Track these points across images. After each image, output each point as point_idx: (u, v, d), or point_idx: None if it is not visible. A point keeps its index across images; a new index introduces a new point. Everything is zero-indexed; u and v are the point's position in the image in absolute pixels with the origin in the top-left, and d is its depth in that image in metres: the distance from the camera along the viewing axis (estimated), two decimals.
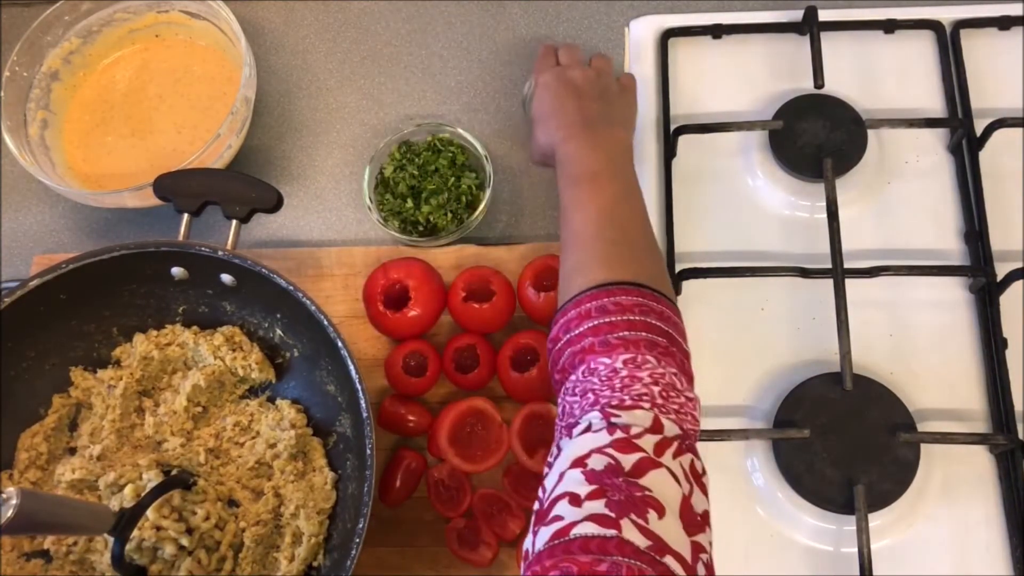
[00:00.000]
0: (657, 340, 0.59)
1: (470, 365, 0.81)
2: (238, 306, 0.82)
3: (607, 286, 0.62)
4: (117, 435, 0.78)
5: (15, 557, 0.75)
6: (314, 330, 0.73)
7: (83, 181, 0.94)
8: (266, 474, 0.77)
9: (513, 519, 0.77)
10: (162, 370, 0.81)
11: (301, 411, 0.79)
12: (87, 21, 0.96)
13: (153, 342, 0.80)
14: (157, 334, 0.81)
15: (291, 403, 0.79)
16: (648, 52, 0.94)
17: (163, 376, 0.82)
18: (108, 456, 0.77)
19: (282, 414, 0.78)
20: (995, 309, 0.80)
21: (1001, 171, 0.86)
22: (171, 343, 0.81)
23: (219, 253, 0.75)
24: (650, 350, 0.58)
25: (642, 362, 0.58)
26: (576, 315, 0.61)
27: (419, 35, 1.00)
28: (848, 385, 0.76)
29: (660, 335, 0.60)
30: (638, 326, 0.59)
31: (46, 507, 0.61)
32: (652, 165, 0.89)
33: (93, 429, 0.79)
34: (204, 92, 0.97)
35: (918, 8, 0.92)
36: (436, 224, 0.88)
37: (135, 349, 0.81)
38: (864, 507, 0.71)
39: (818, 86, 0.87)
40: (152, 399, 0.81)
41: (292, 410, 0.78)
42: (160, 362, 0.80)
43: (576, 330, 0.61)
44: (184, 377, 0.80)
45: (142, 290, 0.81)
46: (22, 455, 0.78)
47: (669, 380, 0.58)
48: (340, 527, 0.74)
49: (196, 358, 0.81)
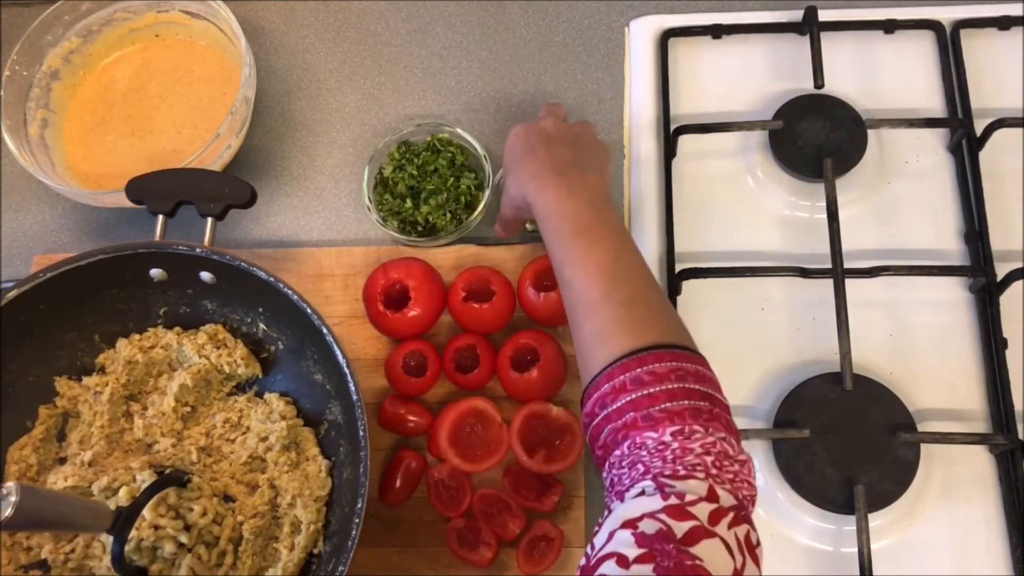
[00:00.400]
0: (700, 406, 0.57)
1: (470, 365, 0.81)
2: (219, 303, 0.81)
3: (635, 354, 0.59)
4: (107, 441, 0.77)
5: (13, 570, 0.74)
6: (298, 320, 0.73)
7: (83, 181, 0.94)
8: (259, 468, 0.77)
9: (513, 519, 0.77)
10: (147, 373, 0.81)
11: (290, 403, 0.79)
12: (87, 21, 0.96)
13: (137, 346, 0.80)
14: (140, 338, 0.81)
15: (279, 396, 0.79)
16: (648, 52, 0.94)
17: (149, 379, 0.81)
18: (99, 462, 0.76)
19: (271, 407, 0.78)
20: (995, 309, 0.80)
21: (1001, 171, 0.86)
22: (155, 346, 0.81)
23: (197, 250, 0.75)
24: (695, 419, 0.56)
25: (690, 432, 0.56)
26: (610, 389, 0.59)
27: (419, 35, 1.00)
28: (848, 385, 0.76)
29: (701, 399, 0.57)
30: (678, 395, 0.57)
31: (45, 504, 0.61)
32: (652, 165, 0.89)
33: (82, 437, 0.78)
34: (204, 92, 0.97)
35: (918, 8, 0.92)
36: (435, 224, 0.88)
37: (119, 354, 0.80)
38: (864, 507, 0.71)
39: (818, 86, 0.87)
40: (139, 403, 0.80)
41: (281, 403, 0.78)
42: (145, 365, 0.80)
43: (613, 405, 0.58)
44: (170, 378, 0.80)
45: (122, 294, 0.80)
46: (11, 468, 0.77)
47: (720, 448, 0.56)
48: (338, 512, 0.75)
49: (181, 358, 0.81)
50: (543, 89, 0.96)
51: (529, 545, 0.76)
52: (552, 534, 0.76)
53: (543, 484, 0.78)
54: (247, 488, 0.76)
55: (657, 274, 0.85)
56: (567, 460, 0.77)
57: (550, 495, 0.77)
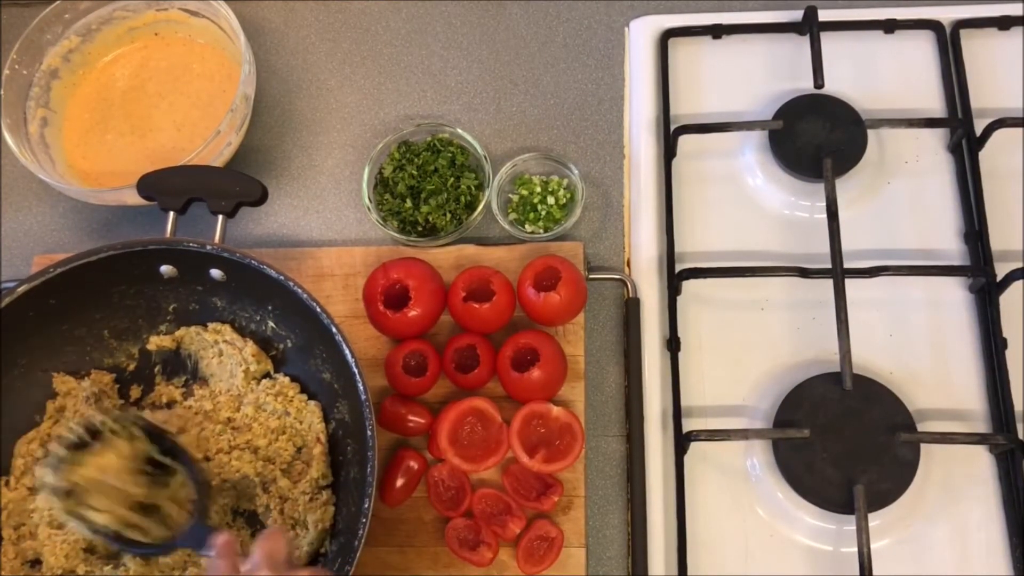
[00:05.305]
0: None
1: (470, 365, 0.81)
2: (229, 301, 0.82)
3: None
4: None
5: (19, 564, 0.75)
6: (307, 319, 0.73)
7: (83, 179, 0.94)
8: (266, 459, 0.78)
9: (513, 519, 0.77)
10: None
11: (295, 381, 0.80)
12: (86, 19, 0.96)
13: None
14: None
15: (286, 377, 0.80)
16: (648, 52, 0.94)
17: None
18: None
19: (277, 387, 0.79)
20: (995, 309, 0.80)
21: (1001, 171, 0.86)
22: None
23: (208, 248, 0.75)
24: None
25: None
26: None
27: (419, 35, 1.00)
28: (848, 385, 0.76)
29: None
30: None
31: None
32: (652, 165, 0.89)
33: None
34: (204, 90, 0.97)
35: (918, 8, 0.92)
36: (435, 224, 0.88)
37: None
38: (864, 507, 0.71)
39: (818, 86, 0.87)
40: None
41: (286, 380, 0.80)
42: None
43: None
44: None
45: (132, 291, 0.80)
46: (18, 461, 0.78)
47: None
48: (344, 511, 0.75)
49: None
50: (543, 89, 0.96)
51: (529, 545, 0.76)
52: (552, 534, 0.76)
53: (543, 484, 0.78)
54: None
55: (657, 274, 0.85)
56: (567, 460, 0.77)
57: (550, 495, 0.77)
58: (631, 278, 0.86)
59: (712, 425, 0.78)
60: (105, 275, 0.77)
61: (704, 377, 0.82)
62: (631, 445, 0.79)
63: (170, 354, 0.83)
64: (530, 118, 0.94)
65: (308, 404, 0.79)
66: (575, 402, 0.81)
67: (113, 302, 0.80)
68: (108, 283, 0.79)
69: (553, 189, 0.88)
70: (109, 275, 0.78)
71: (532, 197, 0.88)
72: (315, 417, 0.78)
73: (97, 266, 0.75)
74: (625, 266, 0.87)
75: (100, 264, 0.75)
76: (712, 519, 0.77)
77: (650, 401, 0.80)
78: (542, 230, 0.87)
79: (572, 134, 0.93)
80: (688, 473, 0.78)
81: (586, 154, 0.92)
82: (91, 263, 0.75)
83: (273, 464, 0.77)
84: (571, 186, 0.89)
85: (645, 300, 0.84)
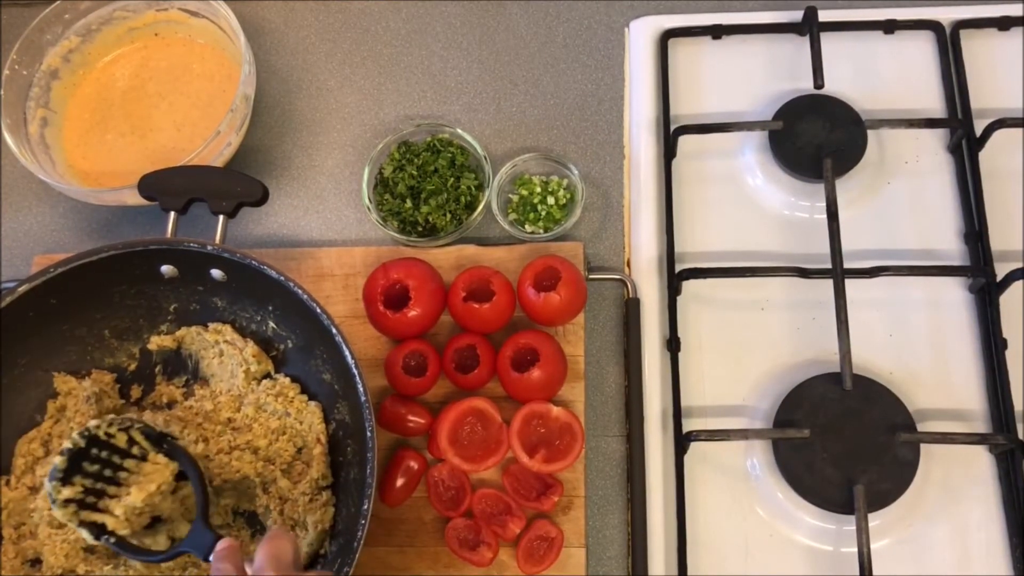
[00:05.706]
0: None
1: (470, 365, 0.81)
2: (229, 301, 0.82)
3: None
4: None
5: (19, 564, 0.75)
6: (307, 319, 0.73)
7: (83, 179, 0.94)
8: (266, 461, 0.78)
9: (513, 519, 0.77)
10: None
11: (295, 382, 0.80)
12: (86, 19, 0.96)
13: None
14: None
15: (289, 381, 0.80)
16: (648, 52, 0.94)
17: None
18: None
19: (278, 387, 0.79)
20: (995, 309, 0.80)
21: (1001, 171, 0.86)
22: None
23: (208, 248, 0.75)
24: None
25: None
26: None
27: (419, 35, 1.00)
28: (848, 385, 0.76)
29: None
30: None
31: None
32: (652, 165, 0.89)
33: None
34: (203, 90, 0.97)
35: (918, 8, 0.92)
36: (435, 224, 0.88)
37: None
38: (864, 507, 0.71)
39: (818, 86, 0.87)
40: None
41: (286, 380, 0.80)
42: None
43: None
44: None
45: (132, 291, 0.80)
46: (18, 461, 0.78)
47: None
48: (344, 512, 0.75)
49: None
50: (543, 89, 0.96)
51: (529, 545, 0.76)
52: (552, 534, 0.76)
53: (543, 484, 0.78)
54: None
55: (657, 274, 0.85)
56: (567, 460, 0.77)
57: (550, 495, 0.77)
58: (631, 278, 0.86)
59: (712, 425, 0.78)
60: (106, 275, 0.77)
61: (704, 377, 0.82)
62: (631, 445, 0.79)
63: (171, 354, 0.83)
64: (530, 118, 0.94)
65: (308, 405, 0.79)
66: (575, 402, 0.81)
67: (114, 302, 0.80)
68: (109, 283, 0.79)
69: (553, 189, 0.88)
70: (110, 275, 0.78)
71: (532, 197, 0.88)
72: (315, 418, 0.78)
73: (98, 266, 0.75)
74: (625, 266, 0.88)
75: (101, 264, 0.75)
76: (712, 519, 0.77)
77: (650, 401, 0.80)
78: (542, 230, 0.87)
79: (572, 134, 0.93)
80: (688, 473, 0.78)
81: (586, 154, 0.92)
82: (91, 263, 0.75)
83: (273, 465, 0.76)
84: (571, 186, 0.89)
85: (645, 300, 0.84)
